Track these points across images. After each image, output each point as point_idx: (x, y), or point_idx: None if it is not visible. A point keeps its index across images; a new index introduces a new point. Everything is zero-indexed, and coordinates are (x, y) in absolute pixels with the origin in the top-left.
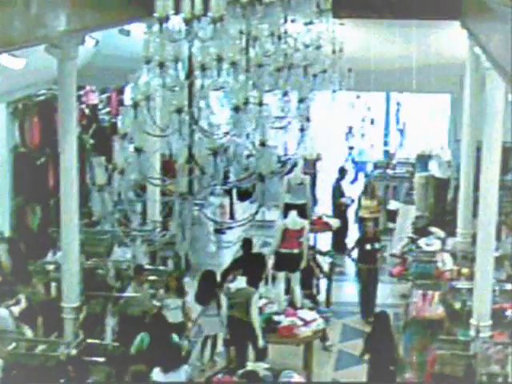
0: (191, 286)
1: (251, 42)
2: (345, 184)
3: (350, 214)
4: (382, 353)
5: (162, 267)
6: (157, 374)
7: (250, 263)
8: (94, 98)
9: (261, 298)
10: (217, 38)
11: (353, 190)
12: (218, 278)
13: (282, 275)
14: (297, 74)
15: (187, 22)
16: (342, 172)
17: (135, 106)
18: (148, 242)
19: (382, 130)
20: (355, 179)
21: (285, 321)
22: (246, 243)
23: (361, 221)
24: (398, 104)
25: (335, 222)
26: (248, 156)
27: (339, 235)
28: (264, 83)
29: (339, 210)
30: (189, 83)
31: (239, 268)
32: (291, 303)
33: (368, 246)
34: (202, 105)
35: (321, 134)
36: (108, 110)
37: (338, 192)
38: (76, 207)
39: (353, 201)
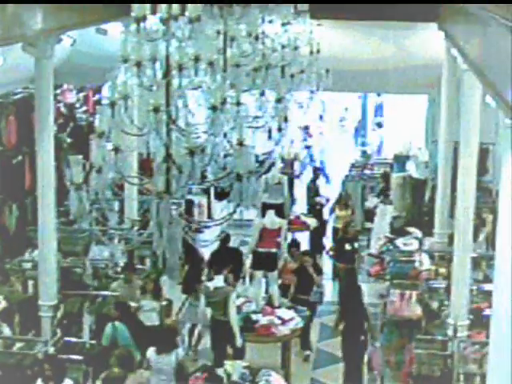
0: (169, 284)
1: (228, 42)
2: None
3: (326, 213)
4: (354, 323)
5: (139, 266)
6: (150, 353)
7: (227, 257)
8: (70, 97)
9: (239, 296)
10: (194, 38)
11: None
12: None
13: (259, 274)
14: (274, 74)
15: (164, 21)
16: (316, 172)
17: (112, 104)
18: (125, 241)
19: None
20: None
21: (263, 320)
22: (226, 238)
23: (335, 231)
24: (376, 105)
25: (313, 222)
26: (225, 155)
27: (316, 234)
28: (241, 83)
29: (314, 209)
30: (166, 82)
31: (216, 261)
32: (269, 302)
33: (347, 246)
34: (179, 104)
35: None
36: (85, 108)
37: (312, 191)
38: (53, 206)
39: (328, 200)
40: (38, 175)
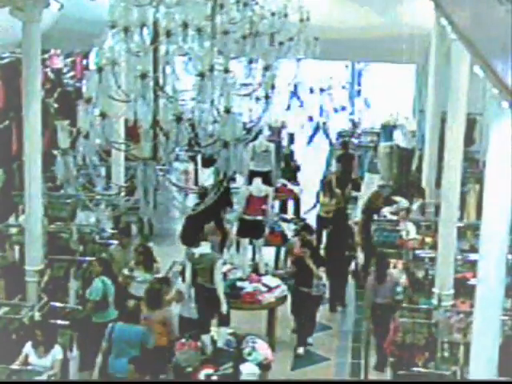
0: (155, 250)
1: (217, 9)
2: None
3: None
4: (339, 241)
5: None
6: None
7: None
8: (58, 62)
9: (225, 263)
10: (182, 4)
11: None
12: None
13: (246, 241)
14: (263, 41)
15: None
16: (292, 137)
17: (100, 70)
18: (112, 207)
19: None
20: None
21: (249, 287)
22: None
23: (319, 220)
24: (360, 73)
25: (299, 190)
26: (213, 122)
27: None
28: (230, 50)
29: (291, 174)
30: (153, 49)
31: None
32: (255, 269)
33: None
34: (167, 71)
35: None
36: (72, 74)
37: (288, 156)
38: (39, 171)
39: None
40: (25, 140)
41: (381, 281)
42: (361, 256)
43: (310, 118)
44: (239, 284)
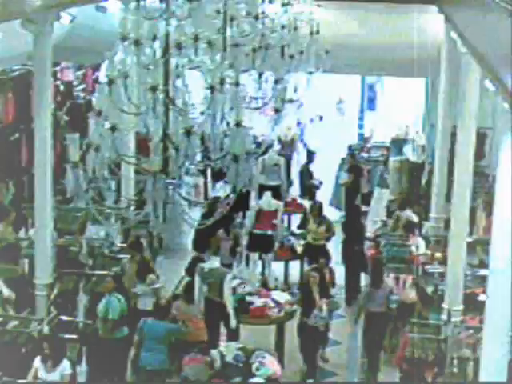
0: (165, 264)
1: (228, 22)
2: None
3: (320, 195)
4: (352, 235)
5: None
6: None
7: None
8: (69, 75)
9: (234, 278)
10: (193, 17)
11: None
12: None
13: (255, 256)
14: (273, 54)
15: None
16: (310, 154)
17: (110, 83)
18: (121, 221)
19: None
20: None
21: (257, 301)
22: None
23: (307, 248)
24: (371, 87)
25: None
26: (223, 136)
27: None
28: (240, 63)
29: (309, 192)
30: (164, 61)
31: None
32: (264, 284)
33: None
34: (178, 84)
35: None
36: (83, 86)
37: (306, 174)
38: (50, 184)
39: (321, 183)
40: (35, 153)
41: (376, 287)
42: None
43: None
44: (248, 299)
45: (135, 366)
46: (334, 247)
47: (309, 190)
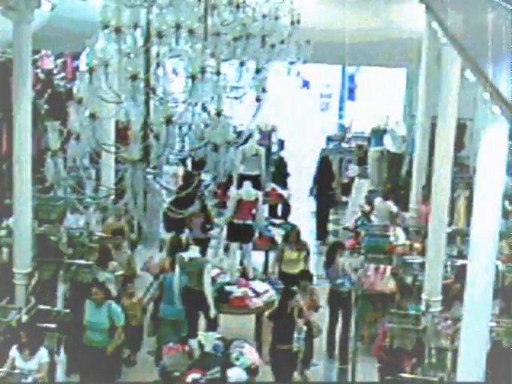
0: (144, 253)
1: (209, 11)
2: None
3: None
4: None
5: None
6: None
7: None
8: (49, 63)
9: (213, 267)
10: (175, 5)
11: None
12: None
13: (234, 245)
14: (254, 43)
15: None
16: (282, 143)
17: (91, 71)
18: (101, 210)
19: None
20: None
21: (237, 291)
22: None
23: (283, 278)
24: (352, 77)
25: (288, 194)
26: (204, 125)
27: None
28: (221, 52)
29: (281, 181)
30: (145, 50)
31: None
32: (244, 274)
33: None
34: (159, 72)
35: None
36: (63, 75)
37: (279, 163)
38: (29, 172)
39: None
40: (15, 141)
41: (327, 265)
42: None
43: None
44: (227, 288)
45: (155, 317)
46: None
47: (280, 178)
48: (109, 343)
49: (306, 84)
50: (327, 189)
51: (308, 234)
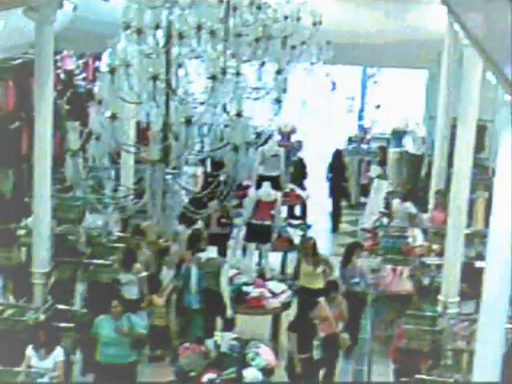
0: None
1: (231, 12)
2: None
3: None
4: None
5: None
6: None
7: None
8: (70, 64)
9: (231, 268)
10: (196, 6)
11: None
12: None
13: (252, 246)
14: (275, 45)
15: None
16: (300, 144)
17: (112, 71)
18: (120, 210)
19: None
20: None
21: (254, 292)
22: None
23: (303, 292)
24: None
25: (306, 195)
26: (224, 126)
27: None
28: (242, 53)
29: (299, 182)
30: (166, 51)
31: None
32: (261, 274)
33: None
34: (179, 73)
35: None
36: (84, 75)
37: (299, 165)
38: (49, 172)
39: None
40: (35, 141)
41: (344, 265)
42: None
43: None
44: (245, 289)
45: (178, 306)
46: None
47: (299, 179)
48: (131, 357)
49: (334, 86)
50: (340, 179)
51: (324, 232)
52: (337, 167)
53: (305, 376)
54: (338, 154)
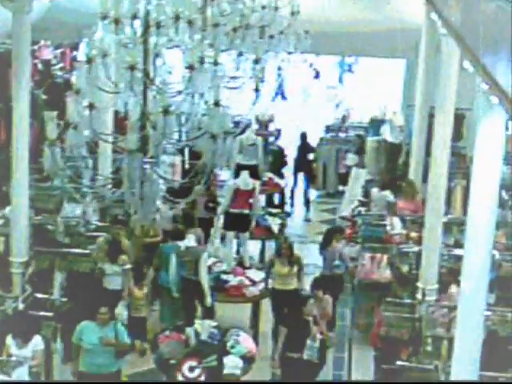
0: None
1: (208, 1)
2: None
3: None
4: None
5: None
6: None
7: None
8: (47, 54)
9: (210, 257)
10: None
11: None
12: None
13: (231, 234)
14: (253, 34)
15: None
16: (279, 132)
17: (89, 61)
18: (98, 199)
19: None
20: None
21: (233, 280)
22: None
23: (275, 295)
24: (350, 67)
25: (285, 183)
26: (202, 115)
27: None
28: (220, 43)
29: (278, 171)
30: (143, 40)
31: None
32: (240, 263)
33: None
34: (157, 63)
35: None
36: (62, 65)
37: (277, 154)
38: (27, 162)
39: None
40: (13, 131)
41: (323, 247)
42: None
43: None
44: (224, 277)
45: (155, 284)
46: None
47: (278, 168)
48: (115, 366)
49: (317, 75)
50: (305, 160)
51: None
52: (301, 146)
53: (292, 376)
54: (302, 136)
